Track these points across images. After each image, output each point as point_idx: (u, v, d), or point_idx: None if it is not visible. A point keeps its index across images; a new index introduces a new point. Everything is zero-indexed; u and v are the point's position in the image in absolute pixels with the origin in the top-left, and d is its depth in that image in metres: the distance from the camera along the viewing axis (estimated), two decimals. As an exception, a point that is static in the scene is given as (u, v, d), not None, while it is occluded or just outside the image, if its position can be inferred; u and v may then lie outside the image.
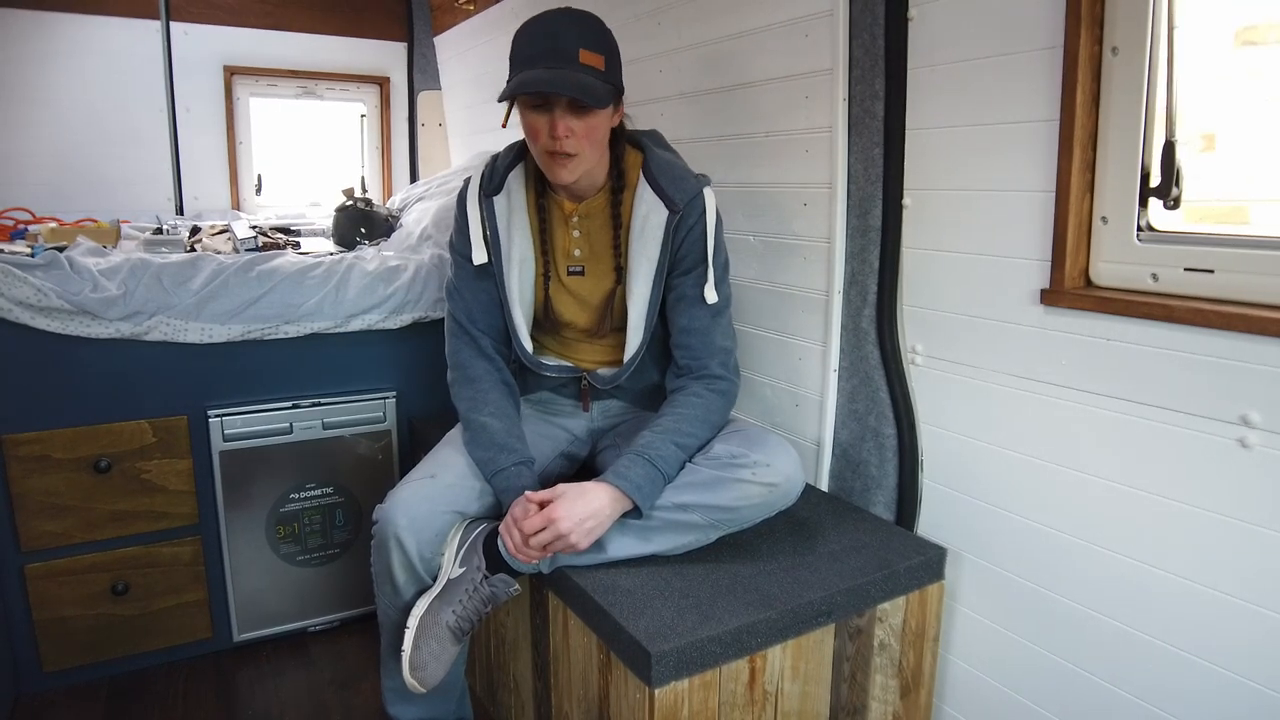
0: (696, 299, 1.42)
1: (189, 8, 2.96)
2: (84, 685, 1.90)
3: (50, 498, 1.78)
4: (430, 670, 1.33)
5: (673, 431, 1.35)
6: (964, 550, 1.42)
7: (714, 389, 1.42)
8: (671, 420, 1.37)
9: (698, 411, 1.38)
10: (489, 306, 1.52)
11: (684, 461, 1.35)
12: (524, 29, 1.34)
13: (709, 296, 1.41)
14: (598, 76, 1.31)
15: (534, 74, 1.28)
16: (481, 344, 1.51)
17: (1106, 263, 1.20)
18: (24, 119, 2.74)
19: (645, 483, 1.28)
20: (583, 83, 1.27)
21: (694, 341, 1.43)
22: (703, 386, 1.42)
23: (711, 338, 1.43)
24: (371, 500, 1.54)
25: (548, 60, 1.28)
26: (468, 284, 1.51)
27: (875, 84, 1.43)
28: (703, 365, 1.43)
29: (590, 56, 1.30)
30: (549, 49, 1.29)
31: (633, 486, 1.27)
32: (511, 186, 1.48)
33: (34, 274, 1.70)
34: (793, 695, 1.26)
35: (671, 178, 1.41)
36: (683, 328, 1.44)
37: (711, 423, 1.40)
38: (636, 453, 1.31)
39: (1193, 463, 1.09)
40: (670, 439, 1.34)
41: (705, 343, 1.43)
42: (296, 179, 3.35)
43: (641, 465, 1.30)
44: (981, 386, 1.36)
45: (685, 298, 1.43)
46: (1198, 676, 1.10)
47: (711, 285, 1.41)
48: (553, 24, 1.32)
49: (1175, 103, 1.10)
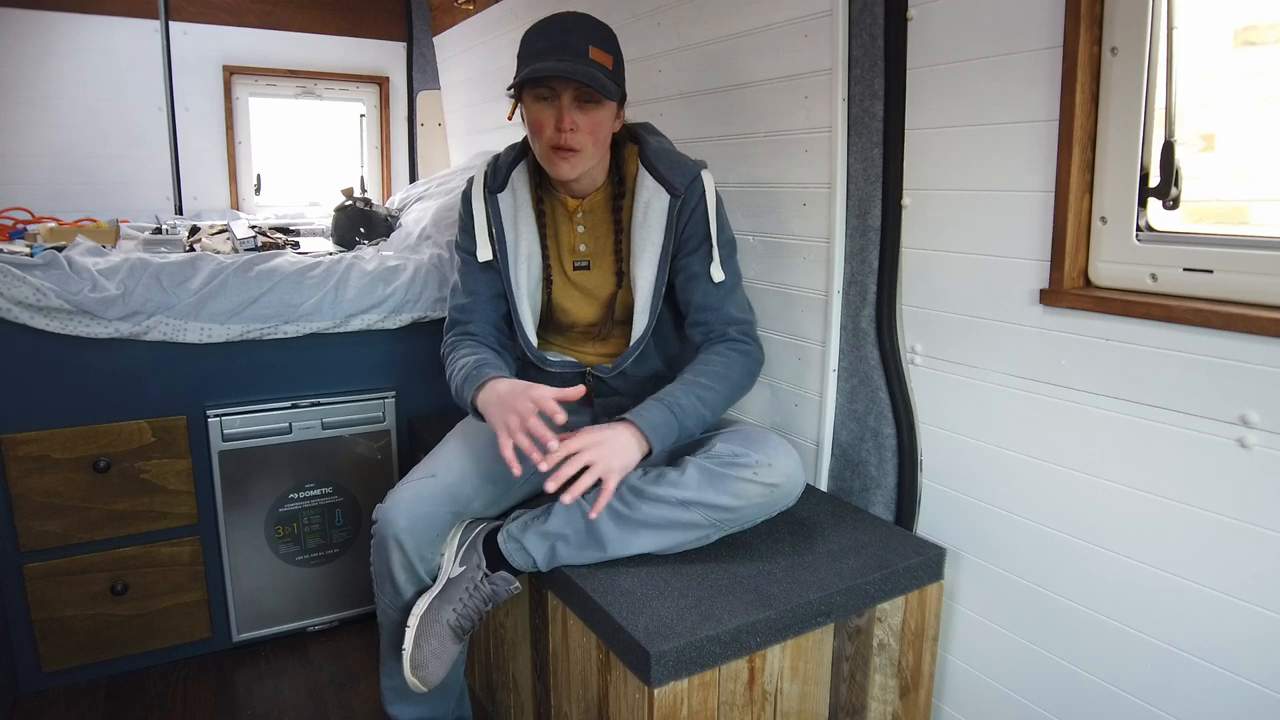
0: (706, 275, 1.43)
1: (188, 7, 2.96)
2: (83, 685, 1.90)
3: (49, 498, 1.78)
4: (431, 669, 1.33)
5: (691, 384, 1.35)
6: (963, 550, 1.42)
7: (734, 349, 1.42)
8: (691, 374, 1.37)
9: (717, 368, 1.39)
10: (489, 299, 1.53)
11: (704, 418, 1.34)
12: (534, 27, 1.38)
13: (715, 275, 1.42)
14: (605, 73, 1.34)
15: (545, 64, 1.30)
16: (470, 329, 1.52)
17: (1106, 263, 1.20)
18: (23, 119, 2.74)
19: (661, 424, 1.29)
20: (592, 73, 1.30)
21: (709, 317, 1.45)
22: (721, 346, 1.42)
23: (726, 310, 1.44)
24: (371, 500, 1.54)
25: (558, 53, 1.31)
26: (471, 278, 1.53)
27: (875, 84, 1.43)
28: (721, 334, 1.44)
29: (599, 54, 1.34)
30: (560, 43, 1.33)
31: (648, 425, 1.27)
32: (515, 184, 1.50)
33: (33, 274, 1.70)
34: (792, 695, 1.26)
35: (670, 163, 1.44)
36: (697, 305, 1.45)
37: (732, 380, 1.39)
38: (655, 398, 1.32)
39: (1192, 463, 1.09)
40: (691, 391, 1.34)
41: (721, 316, 1.44)
42: (296, 179, 3.35)
43: (658, 409, 1.30)
44: (981, 386, 1.36)
45: (696, 276, 1.45)
46: (1197, 676, 1.10)
47: (717, 263, 1.43)
48: (564, 21, 1.36)
49: (1175, 103, 1.10)
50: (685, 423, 1.31)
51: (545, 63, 1.30)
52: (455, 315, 1.55)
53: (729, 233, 1.48)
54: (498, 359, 1.46)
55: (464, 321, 1.53)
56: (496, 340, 1.53)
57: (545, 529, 1.34)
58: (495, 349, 1.50)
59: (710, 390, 1.35)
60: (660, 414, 1.29)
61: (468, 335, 1.52)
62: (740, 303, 1.47)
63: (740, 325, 1.45)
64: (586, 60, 1.32)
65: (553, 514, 1.35)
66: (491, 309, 1.53)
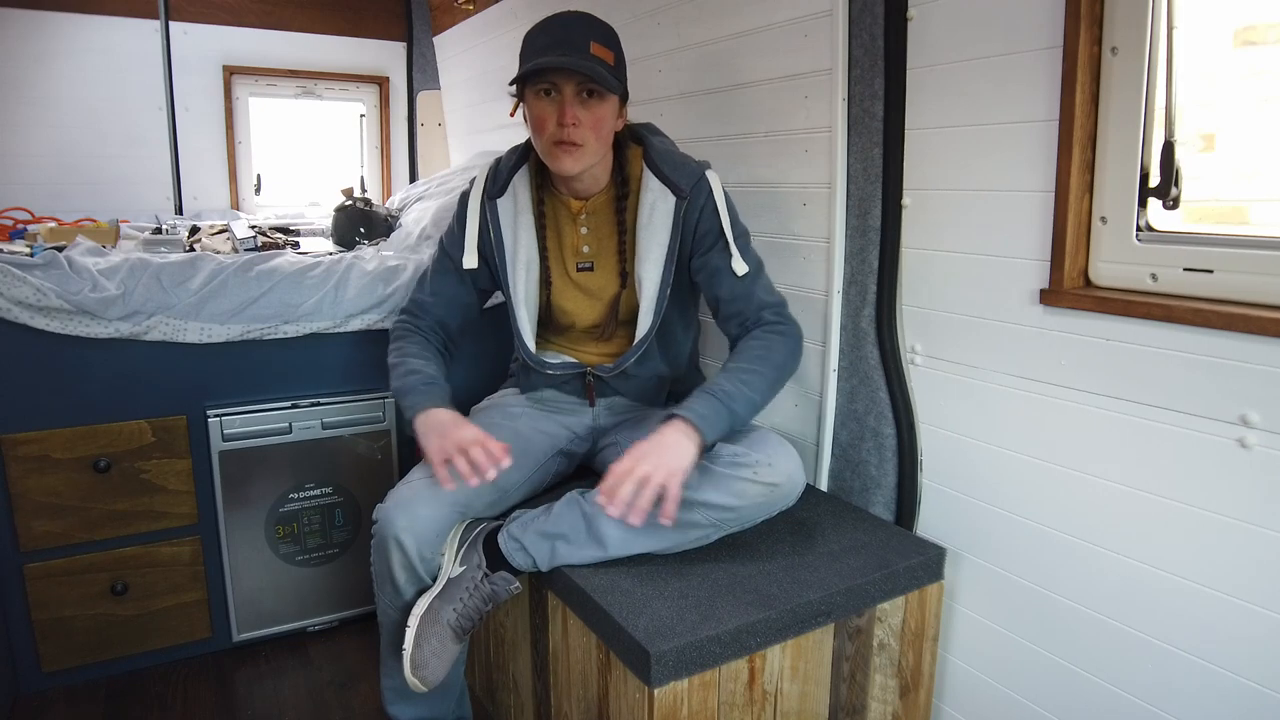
0: (728, 269, 1.43)
1: (188, 7, 2.96)
2: (83, 685, 1.89)
3: (49, 498, 1.78)
4: (431, 669, 1.33)
5: (733, 371, 1.34)
6: (963, 550, 1.42)
7: (771, 331, 1.40)
8: (733, 362, 1.37)
9: (757, 351, 1.37)
10: (449, 303, 1.57)
11: (754, 401, 1.33)
12: (536, 26, 1.40)
13: (738, 268, 1.42)
14: (607, 69, 1.34)
15: (546, 59, 1.31)
16: (420, 324, 1.56)
17: (1106, 263, 1.20)
18: (23, 119, 2.74)
19: (709, 414, 1.27)
20: (593, 67, 1.31)
21: (740, 307, 1.43)
22: (759, 331, 1.41)
23: (757, 297, 1.43)
24: (371, 500, 1.54)
25: (560, 49, 1.33)
26: (440, 279, 1.57)
27: (875, 84, 1.43)
28: (756, 319, 1.42)
29: (601, 50, 1.35)
30: (561, 39, 1.34)
31: (697, 416, 1.26)
32: (516, 188, 1.50)
33: (33, 274, 1.70)
34: (792, 695, 1.26)
35: (674, 165, 1.45)
36: (725, 298, 1.44)
37: (775, 362, 1.37)
38: (700, 390, 1.32)
39: (1192, 463, 1.09)
40: (735, 377, 1.33)
41: (751, 304, 1.43)
42: (296, 179, 3.35)
43: (704, 399, 1.29)
44: (981, 386, 1.36)
45: (718, 270, 1.44)
46: (1197, 676, 1.11)
47: (737, 255, 1.42)
48: (565, 18, 1.38)
49: (1175, 103, 1.10)
50: (735, 408, 1.30)
51: (546, 58, 1.31)
52: (413, 306, 1.59)
53: (742, 224, 1.48)
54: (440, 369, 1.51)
55: (418, 316, 1.58)
56: (441, 344, 1.58)
57: (546, 529, 1.34)
58: (439, 350, 1.56)
59: (754, 374, 1.33)
60: (707, 404, 1.28)
61: (418, 330, 1.56)
62: (767, 286, 1.46)
63: (773, 308, 1.43)
64: (588, 55, 1.32)
65: (553, 514, 1.35)
66: (447, 315, 1.58)
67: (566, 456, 1.61)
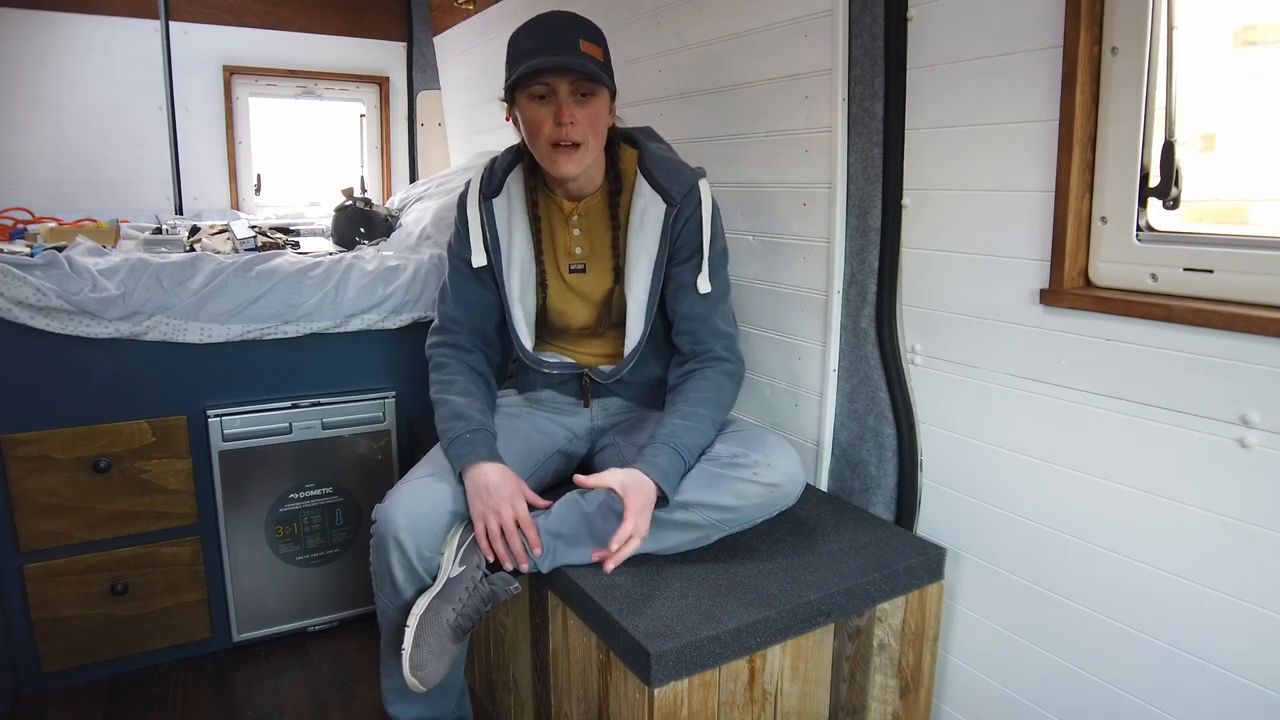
0: (692, 286, 1.44)
1: (188, 7, 2.96)
2: (83, 685, 1.90)
3: (49, 498, 1.78)
4: (431, 669, 1.32)
5: (690, 416, 1.36)
6: (963, 550, 1.42)
7: (721, 371, 1.44)
8: (687, 405, 1.38)
9: (709, 394, 1.40)
10: (477, 309, 1.54)
11: (702, 447, 1.36)
12: (520, 29, 1.38)
13: (701, 286, 1.43)
14: (598, 65, 1.34)
15: (539, 60, 1.31)
16: (458, 339, 1.53)
17: (1106, 263, 1.20)
18: (23, 119, 2.74)
19: (671, 470, 1.30)
20: (586, 63, 1.31)
21: (696, 328, 1.45)
22: (711, 370, 1.43)
23: (713, 323, 1.45)
24: (371, 500, 1.54)
25: (549, 50, 1.32)
26: (460, 285, 1.54)
27: (875, 84, 1.43)
28: (706, 349, 1.45)
29: (590, 47, 1.35)
30: (549, 40, 1.33)
31: (660, 475, 1.28)
32: (511, 188, 1.50)
33: (33, 274, 1.70)
34: (792, 695, 1.26)
35: (668, 171, 1.44)
36: (684, 315, 1.46)
37: (723, 405, 1.42)
38: (662, 441, 1.32)
39: (1192, 463, 1.09)
40: (693, 427, 1.35)
41: (708, 328, 1.45)
42: (296, 179, 3.35)
43: (666, 454, 1.31)
44: (981, 386, 1.36)
45: (684, 285, 1.45)
46: (1198, 676, 1.10)
47: (705, 275, 1.43)
48: (550, 19, 1.37)
49: (1175, 103, 1.10)
50: (689, 461, 1.34)
51: (536, 60, 1.31)
52: (444, 323, 1.56)
53: (722, 244, 1.49)
54: (486, 394, 1.49)
55: (452, 331, 1.54)
56: (484, 355, 1.55)
57: (545, 529, 1.34)
58: (482, 372, 1.53)
59: (707, 420, 1.38)
60: (668, 459, 1.30)
61: (457, 349, 1.53)
62: (727, 315, 1.48)
63: (725, 340, 1.46)
64: (579, 53, 1.32)
65: (553, 514, 1.35)
66: (481, 319, 1.55)
67: (566, 456, 1.61)
